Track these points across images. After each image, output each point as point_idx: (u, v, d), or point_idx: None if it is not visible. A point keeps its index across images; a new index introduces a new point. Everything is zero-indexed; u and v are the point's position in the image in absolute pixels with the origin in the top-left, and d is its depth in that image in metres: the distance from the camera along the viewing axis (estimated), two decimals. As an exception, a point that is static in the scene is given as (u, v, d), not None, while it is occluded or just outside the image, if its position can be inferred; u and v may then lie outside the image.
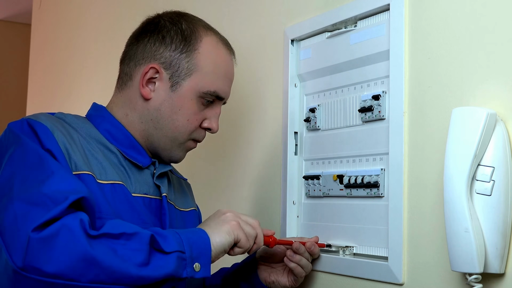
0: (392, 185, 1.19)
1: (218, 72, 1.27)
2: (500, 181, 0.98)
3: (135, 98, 1.26)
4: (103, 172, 1.17)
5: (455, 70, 1.09)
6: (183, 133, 1.26)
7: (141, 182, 1.23)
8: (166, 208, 1.25)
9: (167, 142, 1.27)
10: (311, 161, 1.42)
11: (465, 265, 0.98)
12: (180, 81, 1.24)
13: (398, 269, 1.17)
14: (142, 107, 1.26)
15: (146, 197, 1.23)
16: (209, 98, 1.27)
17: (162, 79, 1.25)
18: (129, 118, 1.27)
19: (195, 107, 1.26)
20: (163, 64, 1.25)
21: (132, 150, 1.25)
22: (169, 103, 1.25)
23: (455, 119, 1.01)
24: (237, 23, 1.68)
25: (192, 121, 1.26)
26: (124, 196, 1.18)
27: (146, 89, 1.25)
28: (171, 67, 1.24)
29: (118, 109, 1.28)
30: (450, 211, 0.99)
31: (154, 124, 1.25)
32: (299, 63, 1.45)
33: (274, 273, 1.34)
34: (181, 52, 1.25)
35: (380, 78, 1.25)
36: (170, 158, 1.29)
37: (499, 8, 1.02)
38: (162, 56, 1.25)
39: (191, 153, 1.86)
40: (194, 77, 1.25)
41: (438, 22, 1.12)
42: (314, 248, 1.31)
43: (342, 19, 1.32)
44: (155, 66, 1.24)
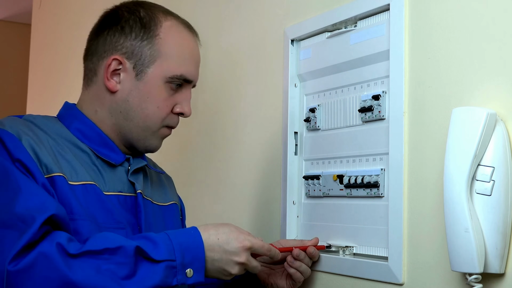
0: (392, 185, 1.19)
1: (183, 55, 1.26)
2: (500, 181, 0.98)
3: (102, 93, 1.25)
4: (74, 173, 1.16)
5: (455, 70, 1.09)
6: (155, 121, 1.24)
7: (115, 180, 1.22)
8: (142, 205, 1.23)
9: (140, 132, 1.25)
10: (311, 161, 1.42)
11: (465, 265, 0.98)
12: (145, 69, 1.23)
13: (398, 269, 1.17)
14: (110, 101, 1.24)
15: (121, 195, 1.21)
16: (177, 82, 1.25)
17: (126, 69, 1.23)
18: (99, 114, 1.25)
19: (164, 93, 1.24)
20: (125, 54, 1.23)
21: (104, 148, 1.23)
22: (137, 93, 1.23)
23: (455, 119, 1.01)
24: (237, 23, 1.68)
25: (162, 107, 1.24)
26: (96, 196, 1.16)
27: (111, 82, 1.23)
28: (134, 56, 1.23)
29: (87, 107, 1.26)
30: (450, 211, 0.99)
31: (124, 115, 1.24)
32: (299, 63, 1.45)
33: (273, 275, 1.33)
34: (141, 40, 1.23)
35: (380, 78, 1.25)
36: (146, 148, 1.28)
37: (499, 8, 1.02)
38: (123, 46, 1.23)
39: (191, 153, 1.86)
40: (159, 63, 1.23)
41: (438, 22, 1.12)
42: (314, 252, 1.30)
43: (342, 19, 1.32)
44: (117, 57, 1.22)
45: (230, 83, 1.70)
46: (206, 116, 1.80)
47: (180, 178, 1.90)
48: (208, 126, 1.79)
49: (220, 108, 1.73)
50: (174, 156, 1.93)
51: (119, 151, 1.25)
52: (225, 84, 1.72)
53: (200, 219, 1.75)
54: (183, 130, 1.90)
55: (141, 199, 1.24)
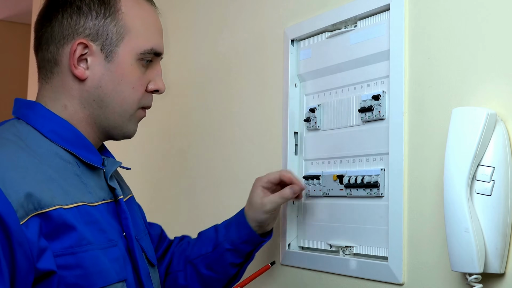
0: (392, 185, 1.19)
1: (149, 27, 1.17)
2: (500, 181, 0.98)
3: (68, 84, 1.14)
4: (66, 195, 1.06)
5: (455, 70, 1.09)
6: (132, 103, 1.16)
7: (98, 187, 1.14)
8: (127, 212, 1.17)
9: (117, 118, 1.16)
10: (311, 161, 1.42)
11: (465, 265, 0.98)
12: (114, 48, 1.13)
13: (398, 269, 1.17)
14: (80, 91, 1.13)
15: (105, 203, 1.14)
16: (148, 57, 1.16)
17: (93, 52, 1.12)
18: (69, 109, 1.14)
19: (138, 72, 1.16)
20: (90, 36, 1.12)
21: (84, 150, 1.14)
22: (109, 76, 1.13)
23: (455, 119, 1.01)
24: (237, 23, 1.68)
25: (137, 87, 1.16)
26: (89, 217, 1.08)
27: (79, 69, 1.12)
28: (100, 37, 1.13)
29: (53, 103, 1.15)
30: (450, 211, 0.99)
31: (98, 103, 1.14)
32: (299, 63, 1.45)
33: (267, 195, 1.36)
34: (104, 18, 1.13)
35: (380, 78, 1.25)
36: (123, 135, 1.19)
37: (499, 8, 1.02)
38: (85, 28, 1.12)
39: (190, 153, 1.86)
40: (127, 39, 1.14)
41: (438, 22, 1.12)
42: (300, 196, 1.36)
43: (342, 19, 1.32)
44: (82, 41, 1.11)
45: (230, 83, 1.70)
46: (205, 116, 1.79)
47: (180, 178, 1.90)
48: (207, 126, 1.78)
49: (220, 108, 1.73)
50: (174, 157, 1.93)
51: (96, 151, 1.17)
52: (225, 84, 1.72)
53: (201, 219, 1.75)
54: (183, 130, 1.90)
55: (125, 206, 1.18)
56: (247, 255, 1.37)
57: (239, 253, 1.36)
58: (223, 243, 1.36)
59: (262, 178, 1.37)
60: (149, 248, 1.26)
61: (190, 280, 1.39)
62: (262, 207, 1.34)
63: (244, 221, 1.35)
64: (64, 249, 1.04)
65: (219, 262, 1.37)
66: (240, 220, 1.36)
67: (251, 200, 1.36)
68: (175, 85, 1.95)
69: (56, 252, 1.03)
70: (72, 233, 1.04)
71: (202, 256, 1.38)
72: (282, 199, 1.34)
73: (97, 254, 1.07)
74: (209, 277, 1.38)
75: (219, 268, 1.37)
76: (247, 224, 1.35)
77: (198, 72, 1.84)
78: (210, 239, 1.39)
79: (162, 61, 1.23)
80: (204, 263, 1.37)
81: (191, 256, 1.39)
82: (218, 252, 1.36)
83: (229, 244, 1.35)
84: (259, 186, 1.36)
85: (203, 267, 1.37)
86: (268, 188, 1.36)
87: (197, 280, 1.38)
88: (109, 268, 1.08)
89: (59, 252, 1.03)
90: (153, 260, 1.25)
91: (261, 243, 1.37)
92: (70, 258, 1.04)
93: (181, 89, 1.92)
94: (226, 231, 1.37)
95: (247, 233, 1.35)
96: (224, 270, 1.37)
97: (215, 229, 1.41)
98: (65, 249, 1.04)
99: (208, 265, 1.37)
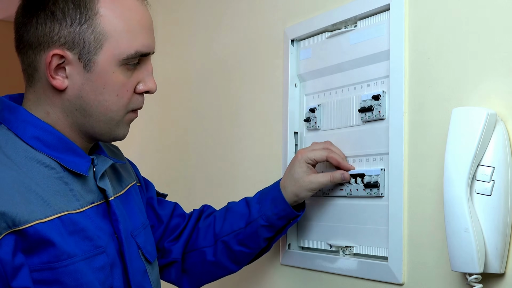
0: (392, 185, 1.19)
1: (132, 28, 1.08)
2: (500, 181, 0.98)
3: (49, 92, 1.08)
4: (46, 205, 1.03)
5: (455, 70, 1.09)
6: (117, 110, 1.10)
7: (86, 191, 1.10)
8: (117, 214, 1.14)
9: (103, 126, 1.11)
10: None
11: (465, 265, 0.98)
12: (92, 57, 1.06)
13: (398, 269, 1.17)
14: (61, 100, 1.08)
15: (94, 206, 1.11)
16: (133, 61, 1.09)
17: (71, 62, 1.06)
18: (52, 116, 1.09)
19: (121, 78, 1.08)
20: (66, 44, 1.05)
21: (68, 154, 1.09)
22: (89, 86, 1.07)
23: (455, 119, 1.01)
24: (237, 23, 1.68)
25: (122, 94, 1.09)
26: (73, 226, 1.05)
27: (57, 80, 1.06)
28: (76, 45, 1.05)
29: (36, 108, 1.10)
30: (450, 211, 0.99)
31: (81, 113, 1.09)
32: (299, 63, 1.45)
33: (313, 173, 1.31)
34: (80, 24, 1.05)
35: (380, 78, 1.25)
36: (113, 139, 1.15)
37: (499, 8, 1.02)
38: (60, 36, 1.05)
39: (190, 153, 1.86)
40: (107, 46, 1.06)
41: (438, 22, 1.12)
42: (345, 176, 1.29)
43: (342, 19, 1.32)
44: (56, 52, 1.05)
45: (230, 83, 1.70)
46: (205, 116, 1.79)
47: (180, 179, 1.90)
48: (207, 126, 1.78)
49: (220, 108, 1.73)
50: (173, 157, 1.93)
51: (84, 153, 1.12)
52: (225, 84, 1.72)
53: (200, 219, 1.75)
54: (183, 130, 1.90)
55: (116, 207, 1.14)
56: (280, 229, 1.34)
57: (273, 228, 1.32)
58: (257, 219, 1.31)
59: (307, 153, 1.30)
60: (148, 243, 1.24)
61: (220, 256, 1.35)
62: (309, 184, 1.29)
63: (281, 197, 1.30)
64: (42, 264, 1.02)
65: (252, 237, 1.33)
66: (276, 195, 1.31)
67: (294, 175, 1.30)
68: (175, 85, 1.95)
69: (33, 267, 1.02)
70: (50, 249, 1.02)
71: (234, 232, 1.33)
72: (330, 183, 1.29)
73: (78, 268, 1.05)
74: (240, 252, 1.34)
75: (252, 244, 1.34)
76: (284, 200, 1.30)
77: (198, 72, 1.84)
78: (242, 215, 1.34)
79: (163, 62, 1.22)
80: (236, 239, 1.34)
81: (222, 233, 1.35)
82: (251, 228, 1.32)
83: (265, 220, 1.31)
84: (304, 161, 1.30)
85: (235, 244, 1.34)
86: (311, 164, 1.31)
87: (227, 255, 1.35)
88: (91, 279, 1.06)
89: (37, 267, 1.02)
90: (150, 257, 1.24)
91: (296, 218, 1.33)
92: (48, 273, 1.02)
93: (180, 89, 1.92)
94: (260, 206, 1.32)
95: (284, 209, 1.30)
96: (257, 245, 1.34)
97: (247, 203, 1.35)
98: (43, 264, 1.02)
99: (241, 241, 1.34)
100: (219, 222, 1.37)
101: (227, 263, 1.37)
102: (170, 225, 1.39)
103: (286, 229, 1.35)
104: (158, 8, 2.05)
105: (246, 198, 1.37)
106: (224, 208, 1.40)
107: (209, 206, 1.45)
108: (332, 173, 1.29)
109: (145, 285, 1.20)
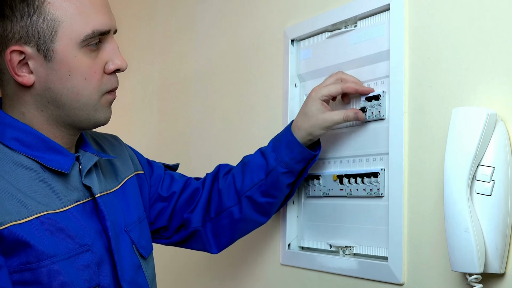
0: (392, 185, 1.19)
1: (84, 9, 1.07)
2: (500, 181, 0.98)
3: (19, 92, 1.08)
4: (23, 207, 1.02)
5: (455, 70, 1.09)
6: (89, 94, 1.09)
7: (69, 190, 1.10)
8: (104, 211, 1.13)
9: (79, 113, 1.10)
10: (311, 161, 1.42)
11: (465, 265, 0.98)
12: (50, 45, 1.05)
13: (398, 269, 1.17)
14: (31, 96, 1.08)
15: (79, 204, 1.10)
16: (93, 41, 1.08)
17: (30, 56, 1.06)
18: (27, 115, 1.09)
19: (85, 60, 1.07)
20: (21, 40, 1.05)
21: (50, 153, 1.09)
22: (55, 75, 1.06)
23: (455, 119, 1.01)
24: (237, 23, 1.68)
25: (90, 77, 1.08)
26: (53, 225, 1.05)
27: (22, 76, 1.07)
28: (31, 38, 1.05)
29: (12, 110, 1.10)
30: (450, 211, 0.99)
31: (54, 104, 1.08)
32: (299, 63, 1.45)
33: None
34: (29, 16, 1.04)
35: (380, 78, 1.25)
36: (95, 125, 1.13)
37: (499, 8, 1.02)
38: (14, 32, 1.05)
39: (190, 153, 1.86)
40: (62, 32, 1.05)
41: (438, 22, 1.12)
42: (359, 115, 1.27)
43: (342, 19, 1.32)
44: (13, 48, 1.05)
45: (230, 83, 1.70)
46: (205, 116, 1.79)
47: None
48: (207, 126, 1.78)
49: (220, 108, 1.73)
50: (173, 157, 1.93)
51: (66, 150, 1.11)
52: (225, 84, 1.72)
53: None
54: (182, 130, 1.90)
55: (102, 204, 1.13)
56: (300, 172, 1.32)
57: (294, 172, 1.31)
58: (276, 167, 1.30)
59: (321, 89, 1.28)
60: (142, 238, 1.24)
61: (247, 211, 1.34)
62: (323, 122, 1.27)
63: (295, 140, 1.28)
64: (21, 265, 1.03)
65: (275, 186, 1.31)
66: (290, 139, 1.29)
67: (308, 113, 1.28)
68: (174, 85, 1.95)
69: (12, 269, 1.02)
70: (27, 250, 1.02)
71: (256, 185, 1.32)
72: (344, 121, 1.27)
73: (59, 267, 1.05)
74: (266, 202, 1.33)
75: (275, 192, 1.32)
76: (298, 143, 1.28)
77: (198, 72, 1.84)
78: (260, 166, 1.32)
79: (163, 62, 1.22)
80: (260, 191, 1.33)
81: (244, 189, 1.34)
82: (272, 177, 1.30)
83: (283, 167, 1.29)
84: (318, 98, 1.28)
85: (259, 196, 1.33)
86: (326, 101, 1.28)
87: (254, 209, 1.34)
88: (75, 278, 1.06)
89: (16, 269, 1.02)
90: (144, 252, 1.24)
91: (313, 158, 1.31)
92: (28, 274, 1.03)
93: (180, 89, 1.92)
94: (276, 154, 1.30)
95: (300, 152, 1.28)
96: (281, 192, 1.33)
97: (262, 154, 1.33)
98: (22, 265, 1.03)
99: (264, 192, 1.32)
100: (238, 178, 1.35)
101: (255, 217, 1.35)
102: (182, 198, 1.37)
103: (306, 171, 1.33)
104: (159, 8, 2.05)
105: (261, 149, 1.35)
106: (240, 163, 1.38)
107: (226, 164, 1.42)
108: (346, 111, 1.26)
109: (139, 281, 1.19)
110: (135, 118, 2.17)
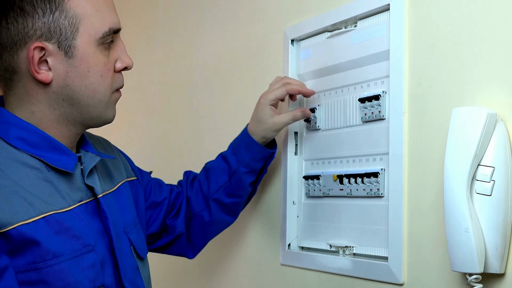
0: (392, 185, 1.19)
1: (100, 7, 1.10)
2: (500, 181, 0.98)
3: (33, 89, 1.09)
4: (30, 207, 1.03)
5: (455, 70, 1.09)
6: (104, 91, 1.12)
7: (73, 190, 1.10)
8: (107, 211, 1.14)
9: (92, 110, 1.12)
10: (311, 161, 1.42)
11: (465, 265, 0.98)
12: (72, 42, 1.07)
13: (398, 269, 1.17)
14: (46, 94, 1.09)
15: (82, 204, 1.11)
16: (108, 39, 1.11)
17: (51, 52, 1.07)
18: (37, 114, 1.10)
19: (102, 57, 1.10)
20: (43, 36, 1.06)
21: (54, 152, 1.09)
22: (74, 72, 1.08)
23: (455, 119, 1.01)
24: (237, 23, 1.68)
25: (106, 74, 1.11)
26: (58, 225, 1.05)
27: (42, 73, 1.07)
28: (53, 35, 1.06)
29: (20, 110, 1.10)
30: (450, 211, 0.99)
31: (69, 102, 1.10)
32: (299, 63, 1.45)
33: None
34: (52, 13, 1.06)
35: (380, 78, 1.25)
36: (104, 122, 1.16)
37: (499, 8, 1.02)
38: (35, 29, 1.05)
39: (190, 153, 1.86)
40: (83, 28, 1.08)
41: (438, 22, 1.12)
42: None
43: (342, 19, 1.32)
44: (36, 44, 1.05)
45: (230, 83, 1.70)
46: (205, 116, 1.79)
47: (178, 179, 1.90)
48: (207, 126, 1.78)
49: (220, 108, 1.73)
50: (173, 158, 1.93)
51: (69, 150, 1.12)
52: (225, 84, 1.72)
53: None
54: (182, 130, 1.90)
55: (105, 204, 1.14)
56: (260, 170, 1.41)
57: (255, 171, 1.40)
58: (238, 168, 1.39)
59: (268, 95, 1.37)
60: (140, 240, 1.25)
61: (216, 213, 1.42)
62: (273, 126, 1.37)
63: (253, 141, 1.38)
64: (27, 265, 1.03)
65: (238, 186, 1.40)
66: (248, 141, 1.38)
67: (260, 118, 1.38)
68: (174, 85, 1.95)
69: (18, 268, 1.02)
70: (34, 249, 1.02)
71: (221, 187, 1.41)
72: (293, 121, 1.37)
73: (65, 267, 1.05)
74: (232, 203, 1.42)
75: (240, 192, 1.41)
76: (257, 143, 1.38)
77: (197, 72, 1.84)
78: (222, 169, 1.41)
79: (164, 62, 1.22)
80: (225, 193, 1.41)
81: (210, 193, 1.42)
82: (235, 178, 1.39)
83: (245, 167, 1.39)
84: (267, 104, 1.37)
85: (225, 197, 1.41)
86: (274, 105, 1.38)
87: (222, 210, 1.42)
88: (80, 278, 1.06)
89: (22, 268, 1.03)
90: (142, 253, 1.24)
91: (272, 155, 1.41)
92: (33, 274, 1.03)
93: (180, 89, 1.92)
94: (236, 156, 1.40)
95: (259, 151, 1.38)
96: (245, 191, 1.42)
97: (223, 158, 1.43)
98: (28, 265, 1.03)
99: (230, 193, 1.41)
100: (204, 184, 1.43)
101: (224, 217, 1.44)
102: (169, 204, 1.43)
103: (266, 169, 1.42)
104: (159, 7, 2.05)
105: (221, 154, 1.44)
106: (203, 170, 1.46)
107: (189, 172, 1.50)
108: (293, 111, 1.37)
109: (137, 282, 1.20)
110: (135, 118, 2.17)
